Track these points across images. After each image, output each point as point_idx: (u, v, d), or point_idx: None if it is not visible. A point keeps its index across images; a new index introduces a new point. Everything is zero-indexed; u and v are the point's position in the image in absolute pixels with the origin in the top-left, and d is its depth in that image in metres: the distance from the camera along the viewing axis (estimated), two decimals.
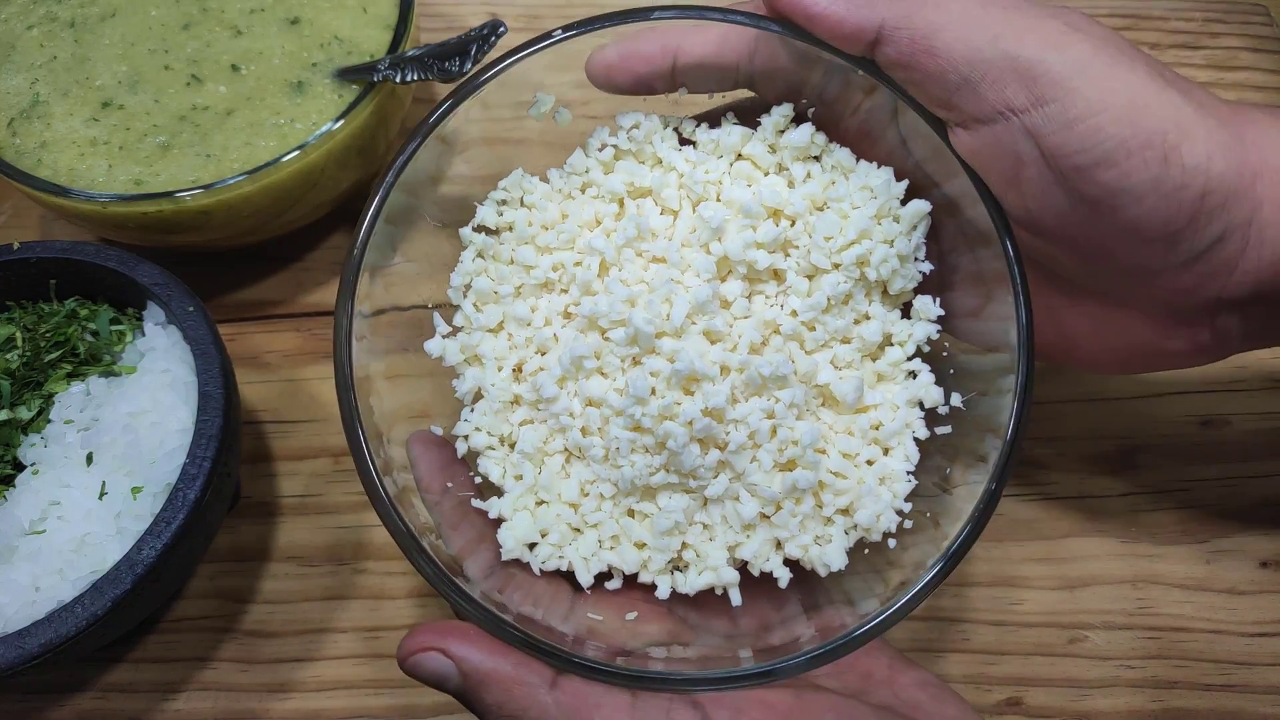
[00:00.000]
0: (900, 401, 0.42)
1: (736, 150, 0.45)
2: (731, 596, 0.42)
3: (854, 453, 0.42)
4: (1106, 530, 0.53)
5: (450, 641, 0.35)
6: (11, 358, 0.49)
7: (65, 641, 0.41)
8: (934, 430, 0.42)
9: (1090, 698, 0.49)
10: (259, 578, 0.53)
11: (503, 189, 0.46)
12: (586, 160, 0.46)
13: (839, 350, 0.42)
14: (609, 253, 0.42)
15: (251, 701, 0.50)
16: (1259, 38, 0.70)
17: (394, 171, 0.42)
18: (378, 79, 0.54)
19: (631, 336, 0.40)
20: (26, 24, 0.58)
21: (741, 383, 0.40)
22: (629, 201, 0.44)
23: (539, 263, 0.44)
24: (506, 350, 0.44)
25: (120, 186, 0.53)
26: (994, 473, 0.38)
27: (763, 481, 0.40)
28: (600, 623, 0.41)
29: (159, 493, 0.45)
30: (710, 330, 0.41)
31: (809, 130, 0.44)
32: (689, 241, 0.43)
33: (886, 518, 0.41)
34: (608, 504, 0.42)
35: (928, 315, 0.43)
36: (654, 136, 0.45)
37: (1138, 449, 0.55)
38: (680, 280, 0.42)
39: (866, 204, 0.43)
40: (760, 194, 0.42)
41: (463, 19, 0.71)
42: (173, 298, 0.49)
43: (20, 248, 0.50)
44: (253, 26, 0.57)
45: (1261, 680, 0.49)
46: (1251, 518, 0.53)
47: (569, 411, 0.42)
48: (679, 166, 0.44)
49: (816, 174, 0.44)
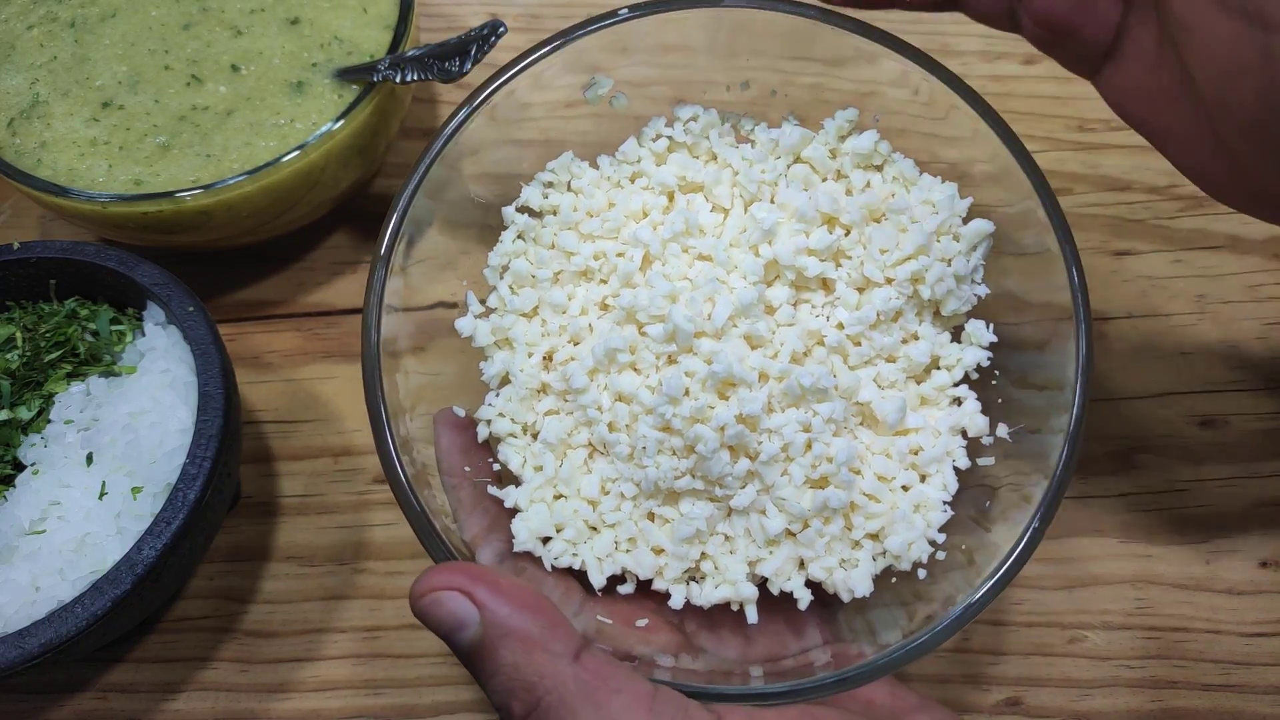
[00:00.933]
0: (943, 428, 0.41)
1: (795, 152, 0.43)
2: (748, 614, 0.40)
3: (890, 476, 0.40)
4: (1106, 530, 0.53)
5: (480, 587, 0.32)
6: (11, 358, 0.49)
7: (65, 641, 0.41)
8: (975, 461, 0.40)
9: (1090, 698, 0.49)
10: (259, 578, 0.53)
11: (550, 170, 0.45)
12: (639, 149, 0.44)
13: (883, 369, 0.41)
14: (654, 245, 0.41)
15: (251, 701, 0.50)
16: None
17: (442, 139, 0.41)
18: (378, 79, 0.54)
19: (670, 333, 0.39)
20: (26, 24, 0.58)
21: (780, 392, 0.39)
22: (679, 195, 0.43)
23: (580, 249, 0.43)
24: (539, 336, 0.43)
25: (120, 186, 0.53)
26: (1036, 512, 0.36)
27: (792, 497, 0.39)
28: (609, 625, 0.39)
29: (159, 493, 0.45)
30: (751, 335, 0.40)
31: (873, 137, 0.42)
32: (738, 241, 0.41)
33: (918, 547, 0.39)
34: (628, 504, 0.41)
35: (979, 341, 0.42)
36: (711, 131, 0.44)
37: (1137, 449, 0.55)
38: (725, 280, 0.40)
39: (926, 219, 0.41)
40: (816, 199, 0.41)
41: (463, 19, 0.71)
42: (173, 298, 0.49)
43: (20, 248, 0.50)
44: (253, 26, 0.57)
45: (1261, 680, 0.49)
46: (1251, 518, 0.53)
47: (597, 405, 0.40)
48: (734, 163, 0.43)
49: (877, 183, 0.43)
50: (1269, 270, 0.59)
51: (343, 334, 0.60)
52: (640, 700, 0.32)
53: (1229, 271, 0.59)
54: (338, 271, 0.62)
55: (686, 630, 0.41)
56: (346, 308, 0.61)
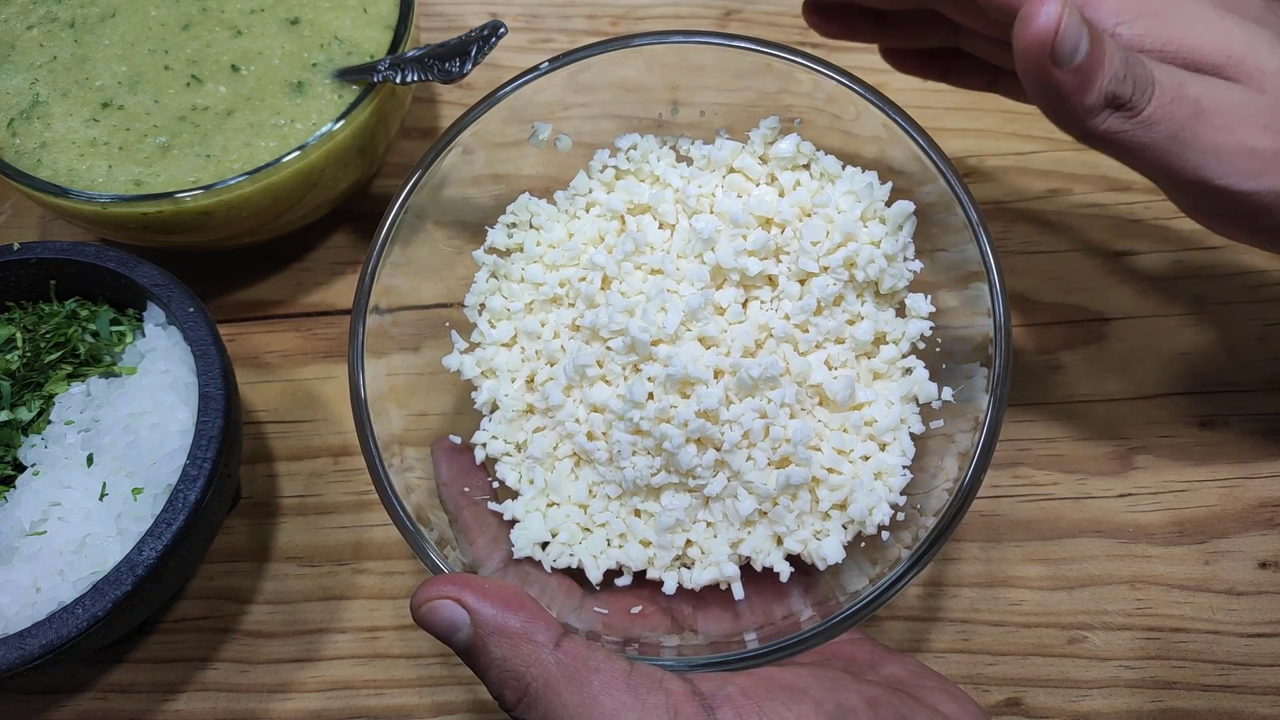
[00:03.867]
0: (894, 398, 0.44)
1: (728, 164, 0.46)
2: (734, 591, 0.43)
3: (848, 449, 0.43)
4: (1106, 530, 0.53)
5: (467, 593, 0.36)
6: (11, 358, 0.49)
7: (66, 642, 0.41)
8: (929, 425, 0.44)
9: (1089, 698, 0.49)
10: (259, 578, 0.53)
11: (511, 213, 0.48)
12: (590, 181, 0.48)
13: (833, 350, 0.44)
14: (610, 267, 0.44)
15: (251, 702, 0.50)
16: None
17: (401, 198, 0.45)
18: (378, 79, 0.54)
19: (630, 345, 0.42)
20: (26, 24, 0.58)
21: (734, 385, 0.42)
22: (629, 218, 0.46)
23: (547, 279, 0.46)
24: (519, 363, 0.47)
25: (120, 187, 0.53)
26: (972, 466, 0.40)
27: (758, 479, 0.42)
28: (607, 615, 0.43)
29: (159, 494, 0.45)
30: (704, 336, 0.43)
31: (794, 140, 0.46)
32: (684, 253, 0.45)
33: (879, 511, 0.42)
34: (614, 504, 0.44)
35: (920, 313, 0.45)
36: (650, 155, 0.48)
37: (1137, 449, 0.55)
38: (675, 289, 0.44)
39: (851, 208, 0.44)
40: (749, 204, 0.44)
41: (463, 19, 0.71)
42: (173, 298, 0.49)
43: (20, 248, 0.50)
44: (253, 27, 0.57)
45: (1260, 681, 0.49)
46: (1250, 518, 0.53)
47: (574, 418, 0.44)
48: (674, 182, 0.47)
49: (805, 181, 0.46)
50: (1269, 270, 0.59)
51: (342, 334, 0.60)
52: (617, 676, 0.35)
53: (1229, 271, 0.59)
54: (338, 271, 0.62)
55: (684, 613, 0.44)
56: (346, 308, 0.61)
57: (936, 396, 0.44)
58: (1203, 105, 0.38)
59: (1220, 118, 0.38)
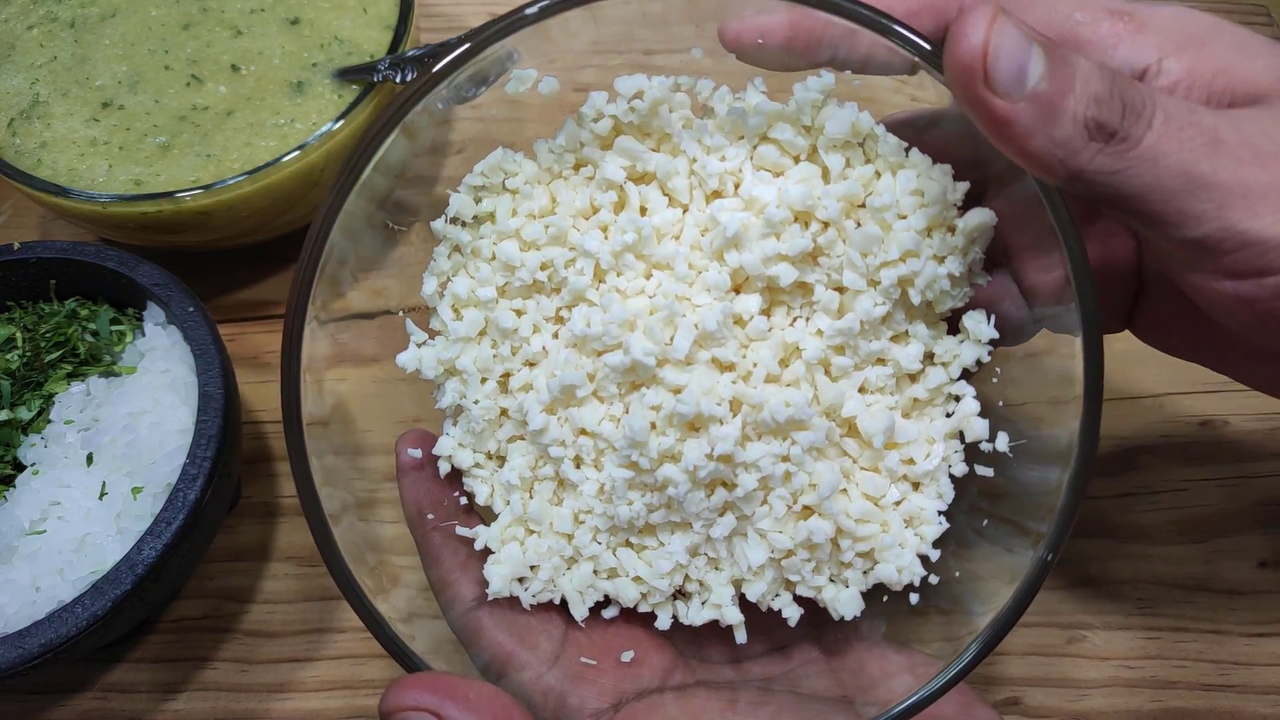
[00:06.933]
0: (938, 434, 0.37)
1: (760, 132, 0.36)
2: (737, 636, 0.38)
3: (879, 495, 0.36)
4: (1106, 530, 0.53)
5: (449, 705, 0.31)
6: (11, 358, 0.49)
7: (65, 642, 0.41)
8: (974, 467, 0.37)
9: (1089, 698, 0.49)
10: (259, 578, 0.53)
11: (480, 174, 0.38)
12: (580, 131, 0.37)
13: (870, 374, 0.36)
14: (605, 258, 0.36)
15: (251, 701, 0.50)
16: None
17: (354, 162, 0.35)
18: (378, 79, 0.54)
19: (629, 366, 0.35)
20: (26, 24, 0.58)
21: (753, 418, 0.35)
22: (630, 188, 0.37)
23: (525, 261, 0.37)
24: (490, 361, 0.38)
25: (120, 187, 0.53)
26: (1047, 543, 0.32)
27: (773, 528, 0.36)
28: (595, 668, 0.38)
29: (159, 493, 0.45)
30: (720, 358, 0.35)
31: (853, 110, 0.35)
32: (699, 245, 0.36)
33: (910, 570, 0.36)
34: (604, 535, 0.38)
35: (978, 336, 0.36)
36: (661, 107, 0.37)
37: (1137, 449, 0.55)
38: (688, 297, 0.35)
39: (915, 213, 0.35)
40: (787, 194, 0.35)
41: (463, 19, 0.71)
42: (173, 298, 0.49)
43: (20, 248, 0.50)
44: (253, 26, 0.57)
45: (1260, 681, 0.49)
46: (1251, 518, 0.53)
47: (559, 441, 0.37)
48: (689, 150, 0.37)
49: (858, 165, 0.36)
50: None
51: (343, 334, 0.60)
52: None
53: None
54: None
55: (677, 642, 0.40)
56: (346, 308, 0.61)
57: (987, 437, 0.36)
58: (1221, 133, 0.29)
59: (1246, 149, 0.29)
